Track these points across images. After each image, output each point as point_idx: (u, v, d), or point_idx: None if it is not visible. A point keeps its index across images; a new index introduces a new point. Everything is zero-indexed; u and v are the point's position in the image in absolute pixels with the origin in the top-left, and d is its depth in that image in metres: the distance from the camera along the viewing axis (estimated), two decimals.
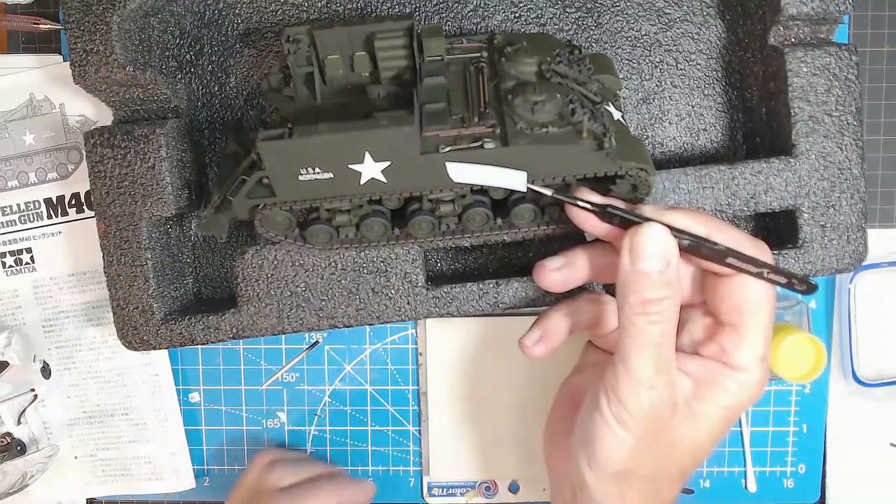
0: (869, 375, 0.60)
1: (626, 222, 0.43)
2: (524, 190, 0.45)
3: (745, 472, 0.61)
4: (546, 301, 0.52)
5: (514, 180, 0.45)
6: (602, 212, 0.44)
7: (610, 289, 0.51)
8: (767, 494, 0.62)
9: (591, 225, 0.45)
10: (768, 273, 0.43)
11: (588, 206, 0.44)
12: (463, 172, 0.45)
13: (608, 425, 0.43)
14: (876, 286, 0.59)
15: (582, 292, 0.51)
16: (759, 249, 0.44)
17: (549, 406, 0.59)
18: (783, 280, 0.44)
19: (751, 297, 0.43)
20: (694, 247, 0.43)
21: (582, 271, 0.48)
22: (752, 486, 0.61)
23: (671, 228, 0.43)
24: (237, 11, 0.55)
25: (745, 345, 0.43)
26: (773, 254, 0.51)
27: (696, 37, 0.55)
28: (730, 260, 0.43)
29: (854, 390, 0.60)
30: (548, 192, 0.45)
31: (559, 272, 0.47)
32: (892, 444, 0.61)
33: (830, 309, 0.60)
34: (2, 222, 0.61)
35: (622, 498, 0.44)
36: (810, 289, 0.45)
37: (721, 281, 0.44)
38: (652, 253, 0.42)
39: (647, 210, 0.44)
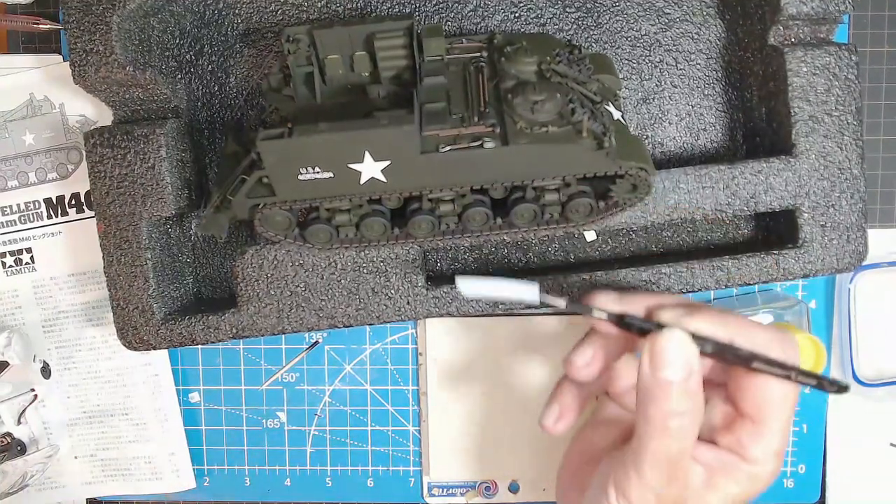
0: (869, 375, 0.60)
1: (645, 331, 0.42)
2: (537, 302, 0.45)
3: None
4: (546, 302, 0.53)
5: (526, 292, 0.44)
6: (619, 322, 0.43)
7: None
8: (767, 494, 0.60)
9: (608, 329, 0.44)
10: (796, 376, 0.42)
11: (604, 317, 0.43)
12: (474, 287, 0.44)
13: None
14: (876, 286, 0.59)
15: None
16: (785, 346, 0.42)
17: None
18: (813, 382, 0.42)
19: (775, 395, 0.42)
20: (717, 352, 0.42)
21: (604, 358, 0.47)
22: None
23: (692, 335, 0.41)
24: (237, 11, 0.55)
25: (764, 441, 0.42)
26: (773, 254, 0.52)
27: (695, 37, 0.55)
28: (756, 364, 0.42)
29: (854, 390, 0.60)
30: (562, 303, 0.44)
31: (588, 368, 0.46)
32: (892, 444, 0.61)
33: (830, 309, 0.60)
34: (2, 222, 0.61)
35: None
36: (841, 389, 0.43)
37: (745, 374, 0.43)
38: (673, 360, 0.41)
39: (666, 316, 0.42)
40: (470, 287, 0.44)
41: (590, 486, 0.46)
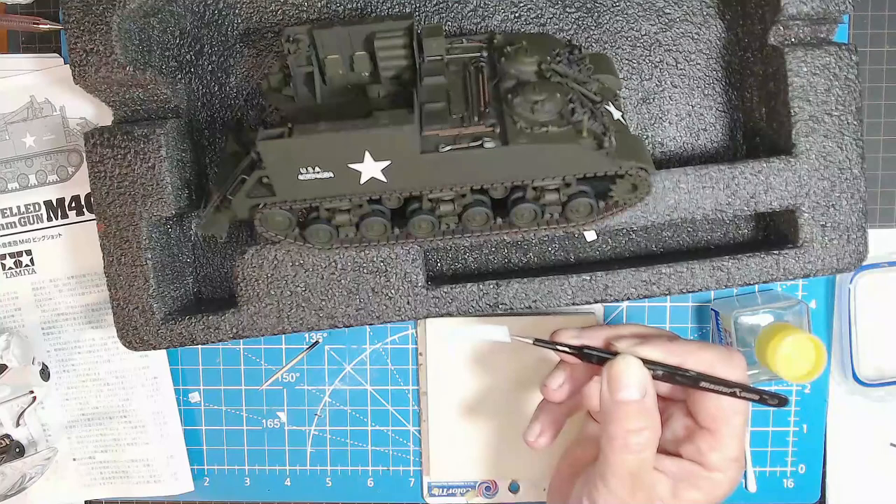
0: (869, 375, 0.60)
1: (603, 360, 0.47)
2: (508, 341, 0.48)
3: (746, 472, 0.61)
4: (546, 302, 0.53)
5: (497, 334, 0.48)
6: (580, 354, 0.48)
7: None
8: (767, 494, 0.62)
9: (574, 361, 0.49)
10: (741, 392, 0.46)
11: (567, 350, 0.48)
12: (455, 337, 0.50)
13: None
14: (876, 286, 0.59)
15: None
16: (732, 366, 0.47)
17: None
18: (755, 397, 0.47)
19: (725, 408, 0.46)
20: (668, 375, 0.46)
21: (575, 382, 0.50)
22: (753, 486, 0.61)
23: (644, 361, 0.46)
24: (237, 11, 0.55)
25: (720, 448, 0.46)
26: (774, 254, 0.52)
27: (695, 37, 0.55)
28: (703, 384, 0.46)
29: (854, 390, 0.60)
30: (528, 341, 0.48)
31: (560, 389, 0.50)
32: (892, 444, 0.61)
33: (830, 309, 0.60)
34: (2, 224, 0.61)
35: None
36: (781, 403, 0.48)
37: (698, 392, 0.47)
38: (627, 382, 0.45)
39: (620, 346, 0.47)
40: (451, 338, 0.50)
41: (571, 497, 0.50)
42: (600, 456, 0.46)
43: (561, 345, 0.48)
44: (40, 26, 0.58)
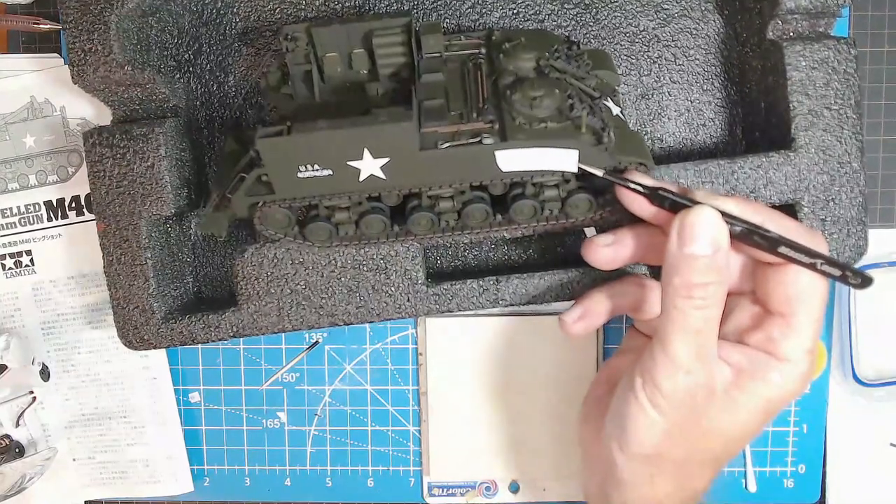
0: (869, 375, 0.59)
1: (677, 206, 0.42)
2: (575, 170, 0.45)
3: (745, 471, 0.61)
4: (547, 298, 0.52)
5: (564, 161, 0.44)
6: (653, 194, 0.43)
7: (656, 273, 0.50)
8: (767, 494, 0.61)
9: (640, 207, 0.44)
10: (822, 264, 0.42)
11: (640, 188, 0.44)
12: (512, 160, 0.44)
13: (641, 407, 0.43)
14: (876, 286, 0.59)
15: (626, 275, 0.50)
16: (814, 240, 0.43)
17: (549, 406, 0.59)
18: (837, 273, 0.42)
19: (803, 287, 0.42)
20: (745, 234, 0.42)
21: (630, 249, 0.47)
22: (752, 486, 0.61)
23: (723, 214, 0.41)
24: (235, 10, 0.55)
25: (794, 336, 0.42)
26: None
27: (694, 32, 0.55)
28: (782, 249, 0.41)
29: (854, 390, 0.60)
30: (599, 172, 0.44)
31: (609, 248, 0.47)
32: (892, 444, 0.61)
33: (830, 309, 0.60)
34: (1, 224, 0.61)
35: (652, 481, 0.44)
36: (865, 282, 0.43)
37: (772, 270, 0.43)
38: (701, 236, 0.40)
39: (699, 194, 0.43)
40: (509, 160, 0.44)
41: (613, 401, 0.45)
42: (661, 318, 0.42)
43: (634, 182, 0.43)
44: (40, 26, 0.58)
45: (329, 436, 0.62)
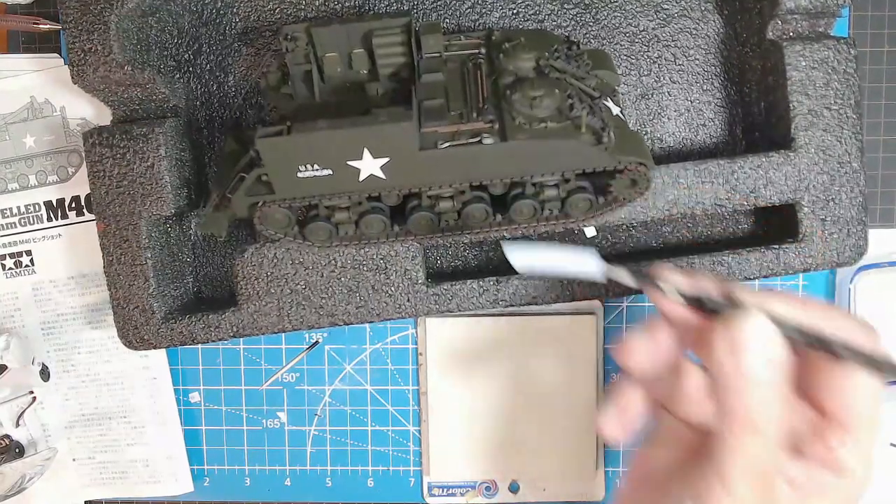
0: None
1: (719, 310, 0.37)
2: (603, 281, 0.41)
3: None
4: (547, 298, 0.52)
5: (588, 266, 0.41)
6: (690, 300, 0.38)
7: None
8: None
9: (670, 309, 0.39)
10: (889, 367, 0.36)
11: (675, 295, 0.39)
12: (526, 259, 0.42)
13: None
14: (876, 286, 0.59)
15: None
16: (872, 336, 0.37)
17: (549, 406, 0.59)
18: None
19: (863, 392, 0.37)
20: (803, 338, 0.36)
21: (663, 352, 0.41)
22: None
23: (772, 319, 0.36)
24: (235, 10, 0.55)
25: (856, 447, 0.37)
26: (774, 248, 0.52)
27: (694, 32, 0.55)
28: (845, 354, 0.36)
29: None
30: (631, 283, 0.40)
31: (645, 355, 0.40)
32: (892, 444, 0.61)
33: None
34: (1, 224, 0.61)
35: None
36: None
37: (828, 371, 0.37)
38: (756, 344, 0.35)
39: (745, 295, 0.37)
40: (521, 259, 0.41)
41: None
42: (714, 446, 0.36)
43: (669, 287, 0.38)
44: (40, 26, 0.58)
45: (329, 436, 0.62)
